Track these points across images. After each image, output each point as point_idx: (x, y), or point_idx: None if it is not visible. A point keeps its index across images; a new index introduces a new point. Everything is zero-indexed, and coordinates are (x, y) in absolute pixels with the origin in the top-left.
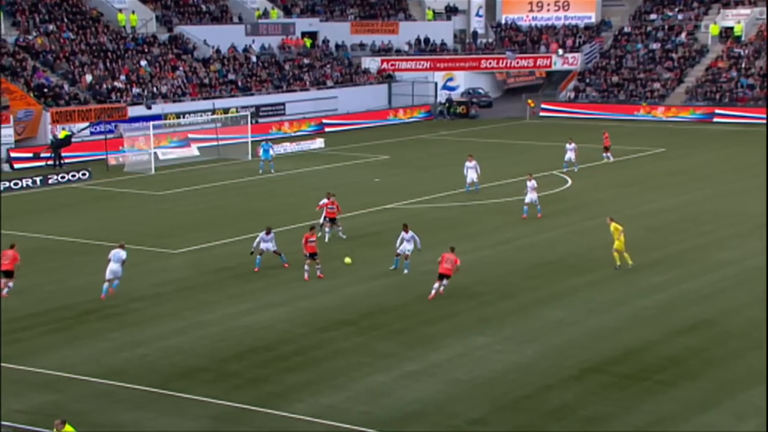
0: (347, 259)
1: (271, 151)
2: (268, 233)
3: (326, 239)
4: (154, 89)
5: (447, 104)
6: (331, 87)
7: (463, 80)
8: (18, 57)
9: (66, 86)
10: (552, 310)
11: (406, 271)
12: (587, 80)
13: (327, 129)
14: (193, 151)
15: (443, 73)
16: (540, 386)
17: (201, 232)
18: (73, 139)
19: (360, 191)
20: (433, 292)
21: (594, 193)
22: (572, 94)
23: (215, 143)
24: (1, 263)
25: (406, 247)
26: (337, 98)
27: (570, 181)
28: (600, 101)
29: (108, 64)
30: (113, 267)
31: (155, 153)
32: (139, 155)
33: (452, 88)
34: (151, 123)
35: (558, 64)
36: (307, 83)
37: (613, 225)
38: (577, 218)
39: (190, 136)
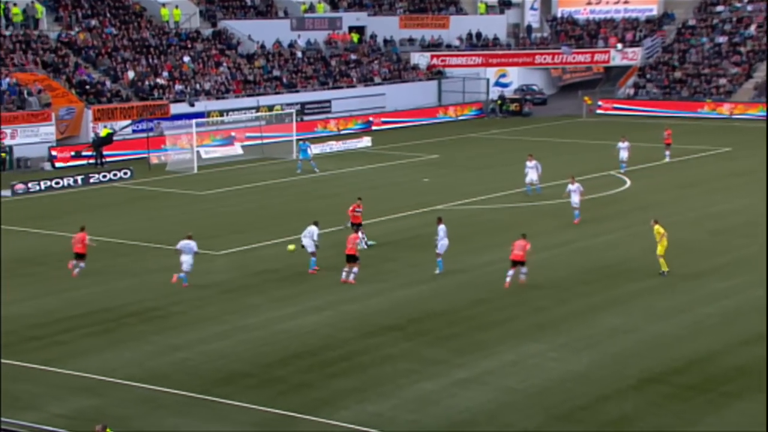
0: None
1: (309, 151)
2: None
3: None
4: (197, 86)
5: (499, 101)
6: (378, 84)
7: (516, 76)
8: (60, 53)
9: (108, 83)
10: (609, 317)
11: (437, 271)
12: (648, 76)
13: (374, 127)
14: (236, 149)
15: (495, 69)
16: (597, 396)
17: (244, 233)
18: (114, 138)
19: (408, 192)
20: (508, 279)
21: (654, 195)
22: (632, 91)
23: (259, 142)
24: (74, 246)
25: (443, 244)
26: (384, 95)
27: (629, 182)
28: (661, 98)
29: (150, 60)
30: (186, 258)
31: (198, 152)
32: (182, 154)
33: (505, 85)
34: (194, 121)
35: (617, 59)
36: (354, 80)
37: (656, 228)
38: (635, 221)
39: (234, 134)
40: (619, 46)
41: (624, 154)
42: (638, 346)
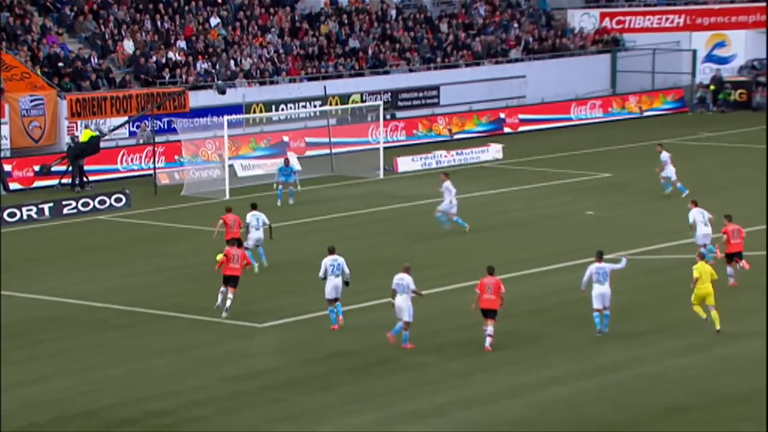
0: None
1: (295, 175)
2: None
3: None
4: (231, 64)
5: (713, 87)
6: (516, 60)
7: (742, 46)
8: (18, 11)
9: (93, 59)
10: None
11: (600, 330)
12: None
13: (507, 129)
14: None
15: (708, 35)
16: None
17: (303, 294)
18: (102, 144)
19: (561, 231)
20: None
21: None
22: None
23: (326, 150)
24: (227, 233)
25: (601, 293)
26: (525, 79)
27: None
28: None
29: (159, 24)
30: (401, 301)
31: (231, 166)
32: (206, 169)
33: (723, 60)
34: (226, 118)
35: None
36: (477, 54)
37: (696, 266)
38: None
39: (287, 138)
40: None
41: (669, 170)
42: None
